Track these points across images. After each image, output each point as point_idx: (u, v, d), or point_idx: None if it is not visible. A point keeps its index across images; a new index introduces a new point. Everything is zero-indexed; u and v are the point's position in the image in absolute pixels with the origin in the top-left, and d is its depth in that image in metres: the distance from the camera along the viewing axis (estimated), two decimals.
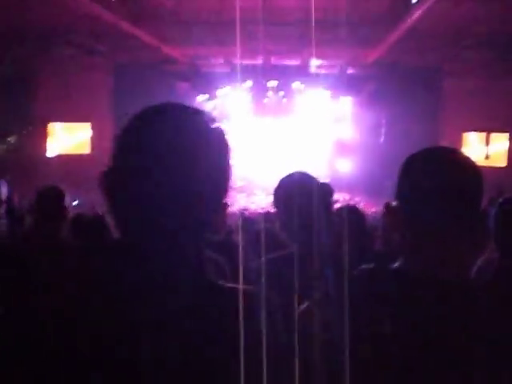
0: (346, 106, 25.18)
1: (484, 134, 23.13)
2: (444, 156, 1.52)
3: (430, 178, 1.46)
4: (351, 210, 3.86)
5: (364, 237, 3.70)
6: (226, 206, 1.24)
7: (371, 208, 16.12)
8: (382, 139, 23.56)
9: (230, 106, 25.63)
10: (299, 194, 2.45)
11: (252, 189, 24.47)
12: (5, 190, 2.87)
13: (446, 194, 1.44)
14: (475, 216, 1.42)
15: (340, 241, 1.59)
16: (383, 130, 23.53)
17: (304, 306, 1.52)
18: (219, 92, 25.10)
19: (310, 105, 25.39)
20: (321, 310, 1.43)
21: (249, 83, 24.75)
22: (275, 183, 2.77)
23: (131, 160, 1.19)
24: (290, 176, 2.64)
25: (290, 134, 25.99)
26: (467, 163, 1.51)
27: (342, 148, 25.18)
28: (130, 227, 1.14)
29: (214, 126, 1.27)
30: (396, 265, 1.49)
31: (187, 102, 1.25)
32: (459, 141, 22.12)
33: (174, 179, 1.11)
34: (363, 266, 1.50)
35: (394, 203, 1.57)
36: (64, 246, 3.37)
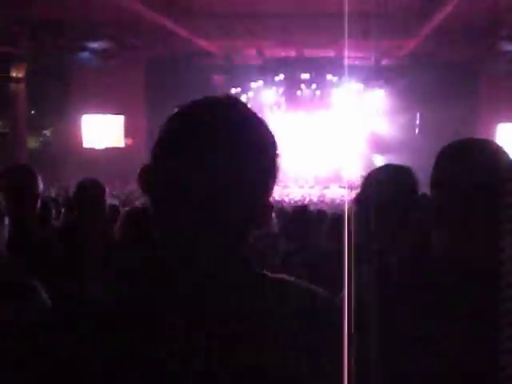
0: (379, 99, 24.97)
1: None
2: (478, 147, 1.50)
3: (465, 170, 1.44)
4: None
5: None
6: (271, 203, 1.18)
7: None
8: (416, 132, 23.35)
9: (264, 98, 25.61)
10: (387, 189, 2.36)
11: (286, 181, 24.46)
12: (41, 186, 2.89)
13: (480, 186, 1.41)
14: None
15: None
16: (417, 123, 23.31)
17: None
18: (253, 85, 25.08)
19: (344, 98, 25.24)
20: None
21: (281, 76, 24.69)
22: (308, 176, 2.74)
23: (183, 156, 1.12)
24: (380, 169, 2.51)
25: (323, 127, 25.86)
26: (501, 155, 1.47)
27: (376, 142, 25.00)
28: (177, 225, 1.11)
29: (261, 121, 1.21)
30: (435, 253, 1.49)
31: (222, 95, 1.23)
32: (494, 133, 21.83)
33: (227, 175, 1.07)
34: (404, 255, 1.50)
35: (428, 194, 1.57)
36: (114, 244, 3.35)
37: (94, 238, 3.34)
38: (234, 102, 1.20)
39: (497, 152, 1.49)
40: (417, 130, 23.30)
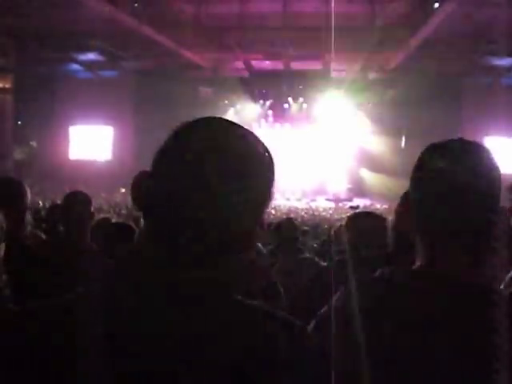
0: (366, 113, 25.06)
1: (505, 139, 23.02)
2: (461, 149, 1.41)
3: (446, 174, 1.35)
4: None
5: None
6: (262, 224, 1.17)
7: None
8: (402, 145, 23.46)
9: (251, 111, 25.67)
10: None
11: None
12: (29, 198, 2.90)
13: (461, 192, 1.33)
14: (493, 217, 1.35)
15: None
16: (404, 137, 23.44)
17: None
18: (240, 98, 25.13)
19: (331, 111, 25.33)
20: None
21: (269, 88, 24.75)
22: (295, 189, 2.90)
23: (181, 170, 1.12)
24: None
25: (310, 140, 25.91)
26: (485, 157, 1.39)
27: (363, 155, 25.10)
28: (166, 238, 1.11)
29: (259, 143, 1.23)
30: (414, 266, 1.39)
31: (209, 107, 1.26)
32: None
33: (220, 197, 1.08)
34: (382, 269, 1.44)
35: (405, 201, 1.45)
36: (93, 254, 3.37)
37: (80, 250, 3.34)
38: (236, 126, 1.20)
39: (482, 153, 1.40)
40: (403, 144, 23.40)
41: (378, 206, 21.52)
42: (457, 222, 1.33)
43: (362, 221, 2.82)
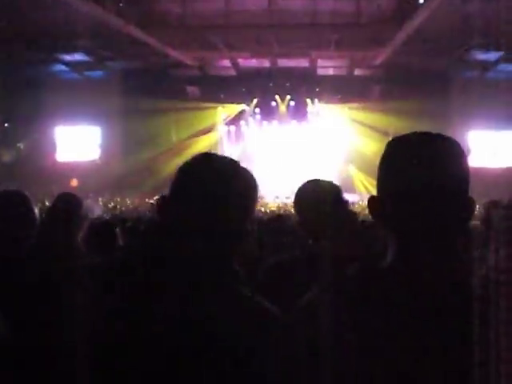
0: (353, 109, 25.10)
1: (491, 133, 23.15)
2: (428, 144, 1.37)
3: (413, 170, 1.32)
4: None
5: None
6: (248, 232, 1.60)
7: None
8: (390, 140, 23.50)
9: (238, 110, 25.68)
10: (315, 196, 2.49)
11: (262, 193, 24.46)
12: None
13: (429, 188, 1.30)
14: (462, 213, 1.31)
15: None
16: (391, 132, 23.47)
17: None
18: (227, 96, 25.13)
19: (318, 108, 25.37)
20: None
21: (256, 86, 24.74)
22: (284, 187, 2.84)
23: (191, 195, 1.62)
24: (307, 181, 2.64)
25: (298, 138, 25.93)
26: (459, 154, 1.36)
27: (352, 153, 25.13)
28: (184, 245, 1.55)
29: (247, 174, 1.73)
30: (384, 264, 1.38)
31: (197, 107, 1.55)
32: (465, 140, 22.11)
33: (216, 216, 1.54)
34: (354, 266, 1.43)
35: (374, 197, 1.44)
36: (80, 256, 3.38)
37: (69, 253, 3.33)
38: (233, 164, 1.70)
39: (449, 145, 1.39)
40: (390, 139, 23.43)
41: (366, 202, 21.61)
42: (425, 219, 1.30)
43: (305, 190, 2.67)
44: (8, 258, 2.35)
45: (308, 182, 2.67)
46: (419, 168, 1.31)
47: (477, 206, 1.38)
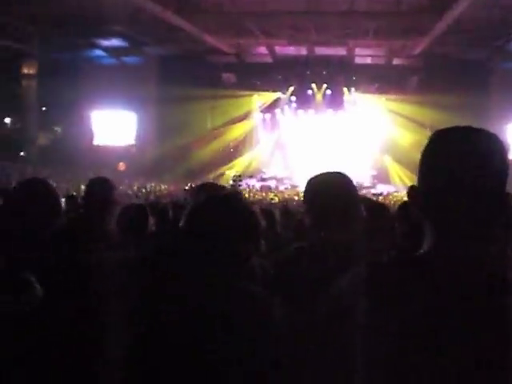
0: (390, 100, 24.85)
1: None
2: (474, 139, 1.40)
3: (454, 164, 1.36)
4: None
5: None
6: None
7: None
8: (427, 131, 23.25)
9: (274, 98, 25.63)
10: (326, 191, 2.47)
11: (295, 181, 24.47)
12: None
13: (470, 183, 1.34)
14: (499, 206, 1.34)
15: None
16: (428, 124, 23.22)
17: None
18: (263, 84, 25.10)
19: (355, 97, 25.19)
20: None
21: (292, 74, 24.66)
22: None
23: None
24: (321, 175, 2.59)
25: (334, 126, 25.80)
26: (500, 150, 1.38)
27: (388, 143, 24.93)
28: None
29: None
30: (421, 252, 1.41)
31: (232, 94, 1.38)
32: (504, 132, 21.78)
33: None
34: (389, 254, 1.46)
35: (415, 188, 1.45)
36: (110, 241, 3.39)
37: (101, 237, 3.34)
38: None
39: (490, 141, 1.40)
40: (427, 130, 23.19)
41: (401, 193, 21.46)
42: (464, 211, 1.34)
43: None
44: (31, 246, 2.37)
45: (316, 175, 2.65)
46: (460, 162, 1.35)
47: None
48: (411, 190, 1.44)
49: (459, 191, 1.34)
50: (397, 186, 23.49)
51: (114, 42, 21.08)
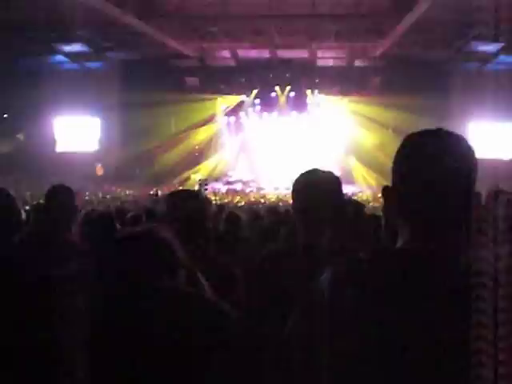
0: (353, 102, 25.04)
1: (491, 124, 23.13)
2: (443, 141, 1.51)
3: (427, 167, 1.46)
4: None
5: None
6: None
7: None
8: (389, 131, 23.51)
9: (238, 101, 25.64)
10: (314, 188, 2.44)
11: (261, 184, 24.54)
12: None
13: (444, 183, 1.45)
14: (469, 204, 1.40)
15: None
16: (391, 125, 23.46)
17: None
18: (226, 87, 25.09)
19: (318, 99, 25.33)
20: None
21: (256, 77, 24.69)
22: (283, 178, 2.76)
23: None
24: (308, 172, 2.58)
25: (298, 128, 25.90)
26: (467, 150, 1.50)
27: (352, 144, 25.12)
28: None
29: None
30: (396, 247, 1.52)
31: (196, 98, 1.38)
32: (464, 130, 22.13)
33: None
34: (366, 251, 1.54)
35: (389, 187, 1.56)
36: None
37: (63, 246, 3.31)
38: None
39: (459, 145, 1.50)
40: (390, 130, 23.43)
41: (366, 193, 21.68)
42: (436, 208, 1.46)
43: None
44: None
45: (307, 171, 2.63)
46: (432, 163, 1.46)
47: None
48: (386, 192, 1.55)
49: (432, 192, 1.44)
50: (361, 186, 23.69)
51: (76, 47, 20.87)
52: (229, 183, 24.78)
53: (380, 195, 13.78)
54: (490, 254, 1.27)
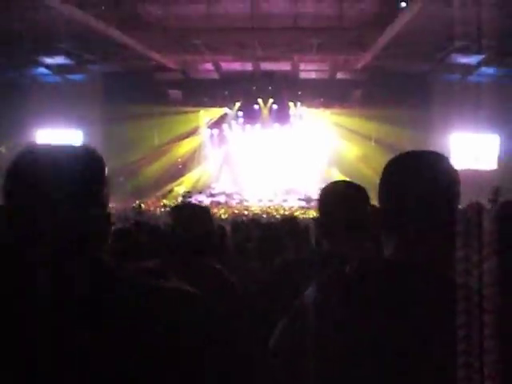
0: (335, 114, 25.17)
1: (473, 135, 23.32)
2: (423, 159, 1.63)
3: (410, 184, 1.57)
4: None
5: None
6: None
7: None
8: (372, 144, 23.62)
9: (221, 114, 25.66)
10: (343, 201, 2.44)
11: (244, 196, 24.56)
12: None
13: (426, 199, 1.54)
14: (452, 220, 1.44)
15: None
16: (373, 137, 23.59)
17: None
18: (209, 100, 25.11)
19: (301, 111, 25.42)
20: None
21: (238, 89, 24.74)
22: (267, 190, 2.77)
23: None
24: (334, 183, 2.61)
25: (281, 141, 25.96)
26: (448, 168, 1.61)
27: (334, 156, 25.22)
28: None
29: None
30: (380, 260, 1.60)
31: (179, 110, 1.37)
32: (447, 142, 22.32)
33: None
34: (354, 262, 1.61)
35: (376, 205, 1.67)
36: None
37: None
38: None
39: (441, 164, 1.61)
40: (372, 142, 23.56)
41: None
42: (423, 223, 1.54)
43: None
44: None
45: (336, 182, 2.69)
46: (415, 179, 1.58)
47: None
48: (374, 212, 1.70)
49: (416, 206, 1.54)
50: None
51: (58, 59, 20.79)
52: (212, 195, 24.75)
53: None
54: (475, 267, 1.31)
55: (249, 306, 2.58)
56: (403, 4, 15.36)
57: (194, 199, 19.11)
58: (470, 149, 23.02)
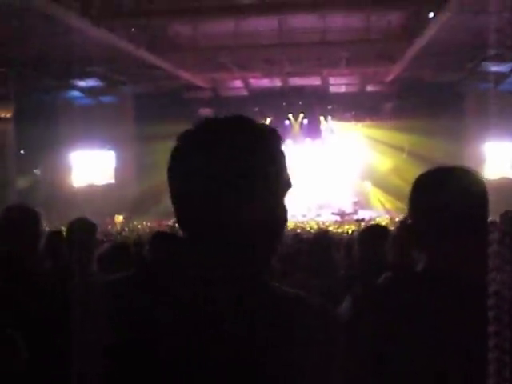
0: (366, 127, 25.06)
1: (507, 144, 22.99)
2: (453, 175, 1.65)
3: (441, 200, 1.58)
4: None
5: None
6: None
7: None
8: (404, 155, 23.45)
9: None
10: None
11: None
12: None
13: (457, 213, 1.56)
14: (484, 233, 1.45)
15: None
16: (406, 149, 23.42)
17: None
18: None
19: (332, 125, 25.38)
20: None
21: (269, 106, 24.79)
22: (300, 206, 2.74)
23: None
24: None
25: (313, 156, 25.92)
26: (478, 183, 1.62)
27: (367, 169, 25.09)
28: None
29: None
30: (414, 272, 1.64)
31: None
32: (481, 151, 22.05)
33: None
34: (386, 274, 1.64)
35: (409, 220, 1.70)
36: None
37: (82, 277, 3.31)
38: None
39: (471, 180, 1.62)
40: (405, 154, 23.39)
41: (384, 217, 21.53)
42: (452, 238, 1.56)
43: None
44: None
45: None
46: (447, 198, 1.58)
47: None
48: (407, 227, 1.76)
49: (448, 222, 1.56)
50: (378, 210, 23.59)
51: (90, 82, 21.13)
52: None
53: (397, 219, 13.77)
54: (507, 276, 1.32)
55: None
56: (431, 15, 15.26)
57: None
58: (505, 157, 22.72)
